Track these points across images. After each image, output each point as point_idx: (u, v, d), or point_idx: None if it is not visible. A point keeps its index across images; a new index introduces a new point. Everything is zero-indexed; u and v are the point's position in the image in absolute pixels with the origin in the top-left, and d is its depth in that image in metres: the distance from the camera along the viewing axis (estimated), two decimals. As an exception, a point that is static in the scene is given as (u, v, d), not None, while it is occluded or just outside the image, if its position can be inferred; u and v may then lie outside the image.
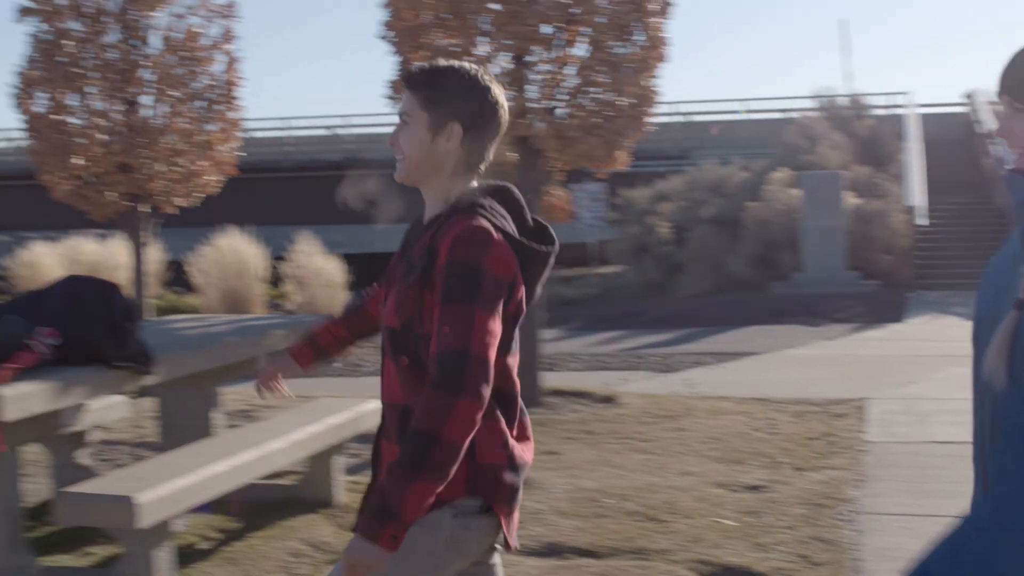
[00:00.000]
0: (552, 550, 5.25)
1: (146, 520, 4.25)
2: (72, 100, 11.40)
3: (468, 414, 2.37)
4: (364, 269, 19.59)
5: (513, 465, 2.58)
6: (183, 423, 6.04)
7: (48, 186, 11.53)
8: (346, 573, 2.42)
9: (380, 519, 2.35)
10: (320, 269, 17.38)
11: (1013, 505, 1.69)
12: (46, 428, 4.87)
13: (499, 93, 2.65)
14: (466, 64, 2.67)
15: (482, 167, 2.68)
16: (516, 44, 9.14)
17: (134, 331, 4.75)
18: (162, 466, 4.79)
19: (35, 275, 23.50)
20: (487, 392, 2.40)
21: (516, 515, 2.63)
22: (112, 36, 11.46)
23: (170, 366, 5.05)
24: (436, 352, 2.41)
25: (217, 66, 11.85)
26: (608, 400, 9.60)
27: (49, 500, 6.01)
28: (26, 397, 4.12)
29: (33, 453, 6.92)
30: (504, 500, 2.56)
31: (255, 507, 5.81)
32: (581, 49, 9.48)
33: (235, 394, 9.21)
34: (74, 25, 11.34)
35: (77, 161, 11.29)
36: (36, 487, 6.25)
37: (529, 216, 2.70)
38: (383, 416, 2.66)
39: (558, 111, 9.56)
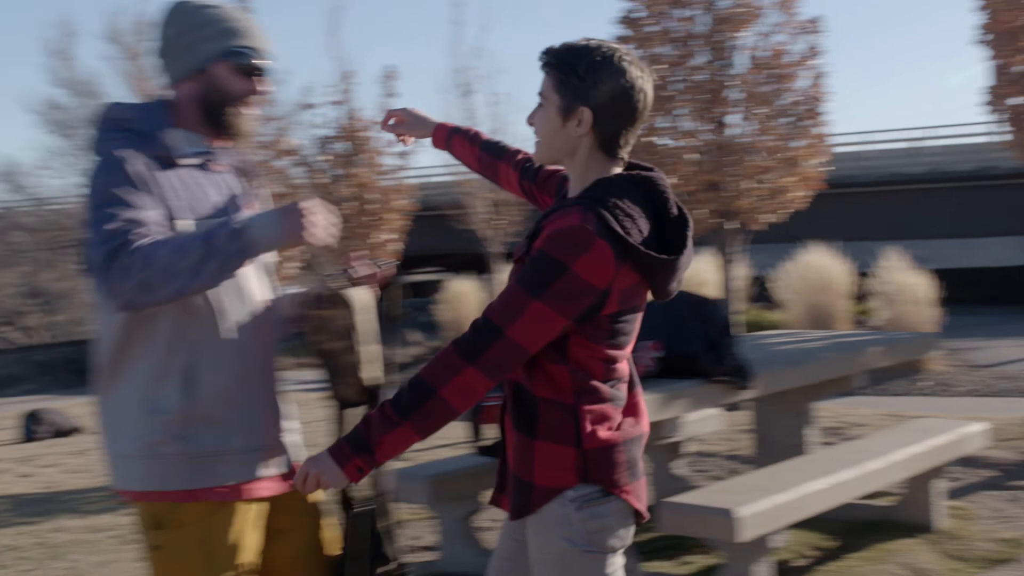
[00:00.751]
0: None
1: (746, 534, 4.27)
2: (662, 122, 11.84)
3: (473, 385, 2.40)
4: (956, 285, 18.68)
5: (623, 444, 2.53)
6: (777, 438, 6.04)
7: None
8: (297, 479, 2.48)
9: (354, 448, 2.42)
10: (907, 285, 16.76)
11: None
12: (649, 438, 5.04)
13: (637, 76, 2.50)
14: (605, 44, 2.51)
15: (622, 153, 2.54)
16: None
17: (732, 346, 4.81)
18: (760, 481, 4.79)
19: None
20: (500, 375, 2.42)
21: (642, 489, 2.58)
22: (700, 58, 11.78)
23: (766, 381, 5.05)
24: (481, 314, 2.42)
25: (803, 82, 11.80)
26: None
27: (648, 507, 6.24)
28: (632, 408, 4.26)
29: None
30: (620, 480, 2.51)
31: (852, 527, 5.68)
32: None
33: (827, 411, 9.11)
34: (664, 50, 11.79)
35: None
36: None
37: (674, 206, 2.53)
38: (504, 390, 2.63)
39: None
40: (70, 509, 7.27)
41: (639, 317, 2.56)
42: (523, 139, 19.28)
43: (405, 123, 3.18)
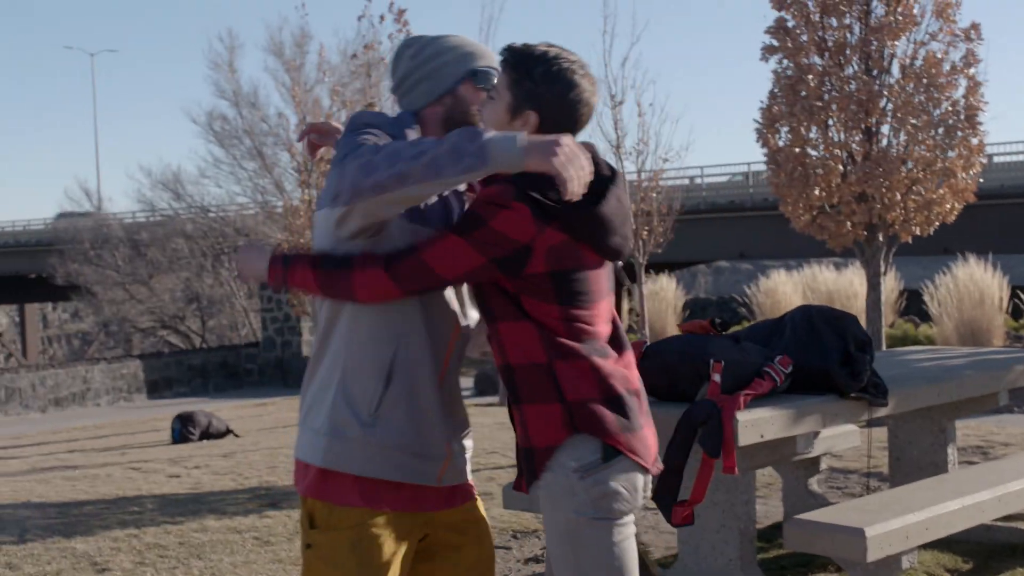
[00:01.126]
0: None
1: (875, 554, 4.22)
2: (812, 132, 11.69)
3: (375, 282, 2.60)
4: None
5: (610, 397, 2.64)
6: (915, 456, 5.94)
7: (788, 217, 11.94)
8: (234, 258, 2.55)
9: (284, 262, 2.68)
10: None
11: None
12: (780, 454, 5.01)
13: (586, 90, 2.67)
14: (564, 54, 2.66)
15: None
16: None
17: (868, 362, 4.75)
18: (893, 500, 4.73)
19: (773, 303, 24.48)
20: (405, 286, 2.61)
21: (644, 442, 2.68)
22: (852, 68, 11.60)
23: (903, 398, 4.97)
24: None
25: (958, 91, 11.52)
26: None
27: (781, 523, 6.20)
28: (761, 423, 4.25)
29: (767, 477, 7.18)
30: (611, 429, 2.62)
31: (991, 549, 5.56)
32: None
33: (970, 429, 8.89)
34: (816, 60, 11.65)
35: (816, 191, 11.57)
36: (769, 509, 6.47)
37: (605, 167, 2.70)
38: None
39: None
40: (214, 510, 7.50)
41: (594, 277, 2.69)
42: (666, 149, 19.22)
43: (324, 133, 3.23)
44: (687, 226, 21.59)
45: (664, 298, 26.40)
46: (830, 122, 11.63)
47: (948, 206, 11.52)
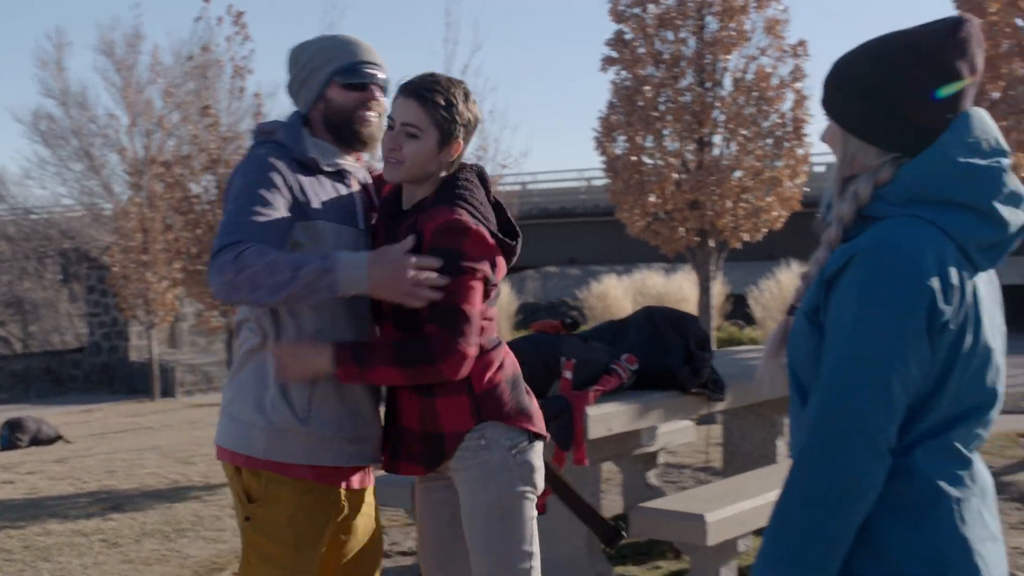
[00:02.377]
0: None
1: (714, 538, 4.49)
2: (648, 141, 12.08)
3: (461, 363, 2.84)
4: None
5: (506, 383, 2.98)
6: (748, 449, 6.26)
7: (624, 223, 12.29)
8: (283, 353, 2.84)
9: (358, 359, 2.81)
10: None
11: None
12: (625, 447, 5.24)
13: (478, 109, 3.00)
14: (459, 81, 2.97)
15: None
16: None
17: (708, 360, 5.02)
18: (729, 488, 5.02)
19: (605, 307, 25.00)
20: (476, 343, 2.88)
21: (538, 416, 3.04)
22: (687, 80, 12.03)
23: (738, 394, 5.27)
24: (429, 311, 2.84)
25: (786, 104, 12.05)
26: None
27: (621, 514, 6.46)
28: (609, 417, 4.47)
29: (606, 472, 7.44)
30: (511, 412, 2.95)
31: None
32: None
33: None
34: (652, 71, 12.04)
35: (651, 198, 11.95)
36: (609, 502, 6.72)
37: (493, 195, 3.04)
38: None
39: None
40: (55, 514, 7.41)
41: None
42: (505, 155, 19.37)
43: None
44: (527, 230, 21.84)
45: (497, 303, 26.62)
46: (665, 132, 12.02)
47: (775, 213, 12.05)
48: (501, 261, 2.96)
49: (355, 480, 3.00)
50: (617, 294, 24.85)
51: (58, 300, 38.35)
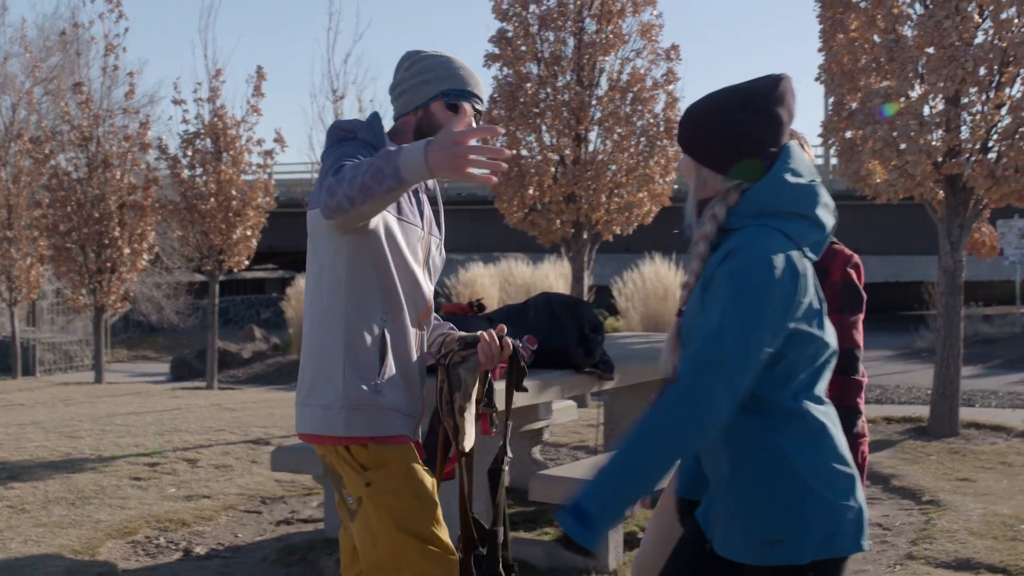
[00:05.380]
0: (964, 565, 5.57)
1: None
2: (528, 136, 12.57)
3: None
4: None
5: None
6: (628, 427, 6.79)
7: (504, 213, 12.76)
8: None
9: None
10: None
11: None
12: (525, 419, 5.72)
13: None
14: None
15: None
16: (950, 86, 9.35)
17: (600, 342, 5.53)
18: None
19: (473, 293, 25.47)
20: None
21: None
22: (566, 78, 12.55)
23: (623, 375, 5.79)
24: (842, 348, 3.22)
25: (659, 105, 12.66)
26: (1027, 436, 9.64)
27: (507, 488, 6.92)
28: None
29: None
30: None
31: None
32: (1016, 90, 9.56)
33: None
34: (533, 69, 12.53)
35: (530, 191, 12.45)
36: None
37: None
38: None
39: (991, 151, 9.67)
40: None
41: None
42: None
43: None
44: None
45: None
46: (544, 127, 12.52)
47: (647, 208, 12.66)
48: None
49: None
50: (484, 282, 25.29)
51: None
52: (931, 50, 9.50)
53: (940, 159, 9.57)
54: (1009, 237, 22.84)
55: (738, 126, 2.67)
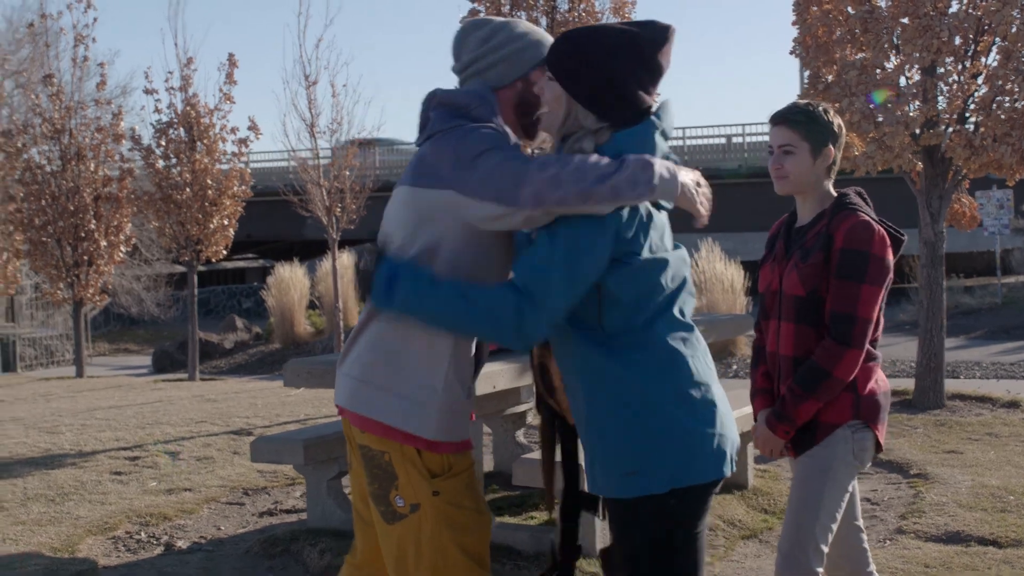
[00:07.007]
0: (954, 538, 5.54)
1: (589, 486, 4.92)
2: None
3: (853, 361, 3.31)
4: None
5: (883, 393, 3.46)
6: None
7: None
8: (758, 444, 3.53)
9: (779, 419, 3.40)
10: (721, 274, 17.88)
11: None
12: (506, 402, 5.66)
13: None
14: (821, 104, 3.51)
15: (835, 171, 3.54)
16: (926, 56, 9.30)
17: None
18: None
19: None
20: (866, 345, 3.32)
21: (885, 426, 3.48)
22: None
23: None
24: (831, 312, 3.33)
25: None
26: (1012, 405, 9.63)
27: (491, 472, 6.88)
28: (494, 375, 4.85)
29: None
30: (879, 418, 3.43)
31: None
32: (992, 59, 9.52)
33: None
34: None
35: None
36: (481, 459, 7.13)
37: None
38: (777, 364, 3.54)
39: (968, 121, 9.63)
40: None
41: None
42: (363, 129, 19.55)
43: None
44: (380, 203, 22.01)
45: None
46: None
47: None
48: (891, 258, 3.37)
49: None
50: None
51: None
52: (906, 20, 9.45)
53: (918, 130, 9.53)
54: (988, 208, 22.86)
55: (623, 70, 2.68)
